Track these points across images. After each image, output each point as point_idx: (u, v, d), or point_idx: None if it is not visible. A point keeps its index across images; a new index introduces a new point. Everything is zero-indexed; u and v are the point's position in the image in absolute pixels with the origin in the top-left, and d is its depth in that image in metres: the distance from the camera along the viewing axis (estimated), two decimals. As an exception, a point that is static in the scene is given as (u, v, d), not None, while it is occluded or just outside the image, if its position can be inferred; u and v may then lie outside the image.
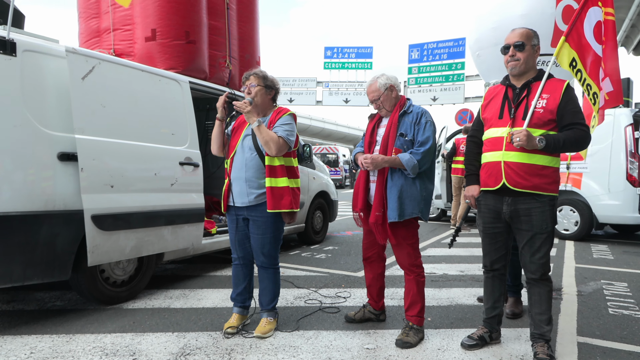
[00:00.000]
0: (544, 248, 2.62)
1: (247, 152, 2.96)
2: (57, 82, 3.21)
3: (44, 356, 2.63)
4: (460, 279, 4.66)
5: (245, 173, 2.94)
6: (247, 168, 2.94)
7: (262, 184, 2.93)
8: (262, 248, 3.00)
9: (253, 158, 2.94)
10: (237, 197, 2.99)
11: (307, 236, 6.49)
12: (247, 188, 2.94)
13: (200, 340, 2.92)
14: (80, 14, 5.08)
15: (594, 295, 4.10)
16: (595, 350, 2.84)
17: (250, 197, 2.94)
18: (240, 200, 2.98)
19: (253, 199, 2.94)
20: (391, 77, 3.05)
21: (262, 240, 2.99)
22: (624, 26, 10.92)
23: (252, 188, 2.94)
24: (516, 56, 2.65)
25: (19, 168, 2.94)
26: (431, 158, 2.89)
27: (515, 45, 2.65)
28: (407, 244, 2.97)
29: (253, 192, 2.94)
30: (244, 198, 2.96)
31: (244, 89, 3.01)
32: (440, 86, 21.77)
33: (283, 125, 2.92)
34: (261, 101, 3.00)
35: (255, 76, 3.01)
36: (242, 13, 5.56)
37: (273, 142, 2.83)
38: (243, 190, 2.96)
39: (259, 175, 2.94)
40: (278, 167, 2.91)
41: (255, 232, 3.00)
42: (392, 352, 2.77)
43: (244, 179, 2.95)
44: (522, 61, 2.65)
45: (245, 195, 2.95)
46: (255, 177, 2.94)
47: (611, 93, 3.14)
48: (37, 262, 3.01)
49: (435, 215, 9.95)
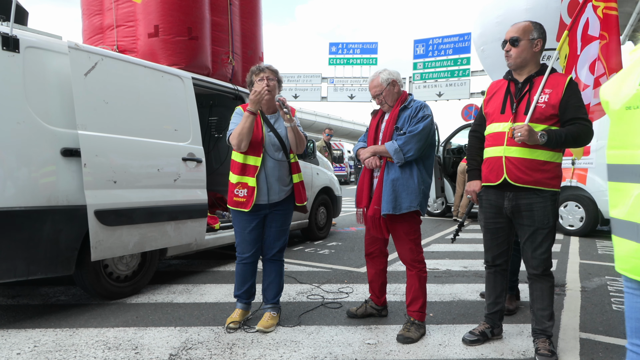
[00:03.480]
0: (546, 243, 2.61)
1: (273, 151, 3.01)
2: (60, 78, 3.22)
3: (47, 349, 2.66)
4: (464, 274, 4.65)
5: (279, 171, 3.03)
6: (280, 167, 3.03)
7: (289, 180, 3.10)
8: (277, 240, 3.13)
9: (282, 157, 3.04)
10: (270, 195, 3.02)
11: (311, 232, 6.51)
12: (280, 186, 3.04)
13: (202, 334, 2.94)
14: (83, 10, 5.09)
15: (597, 291, 4.08)
16: (598, 346, 2.83)
17: (281, 194, 3.06)
18: (272, 198, 3.03)
19: (283, 195, 3.07)
20: (393, 72, 3.04)
21: (280, 233, 3.12)
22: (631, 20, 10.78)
23: (282, 185, 3.06)
24: (510, 51, 2.65)
25: (22, 164, 2.96)
26: (420, 145, 2.83)
27: (510, 41, 2.64)
28: (409, 239, 2.96)
29: (284, 189, 3.08)
30: (275, 195, 3.04)
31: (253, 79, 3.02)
32: (445, 81, 21.63)
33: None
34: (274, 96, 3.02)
35: (270, 70, 3.04)
36: (245, 9, 5.54)
37: (303, 143, 3.07)
38: (276, 188, 3.03)
39: (288, 173, 3.09)
40: (296, 164, 3.13)
41: (275, 225, 3.10)
42: (393, 347, 2.78)
43: (277, 177, 3.02)
44: (514, 56, 2.65)
45: (277, 192, 3.04)
46: (285, 175, 3.07)
47: None
48: (41, 257, 3.03)
49: (440, 211, 9.93)
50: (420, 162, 2.93)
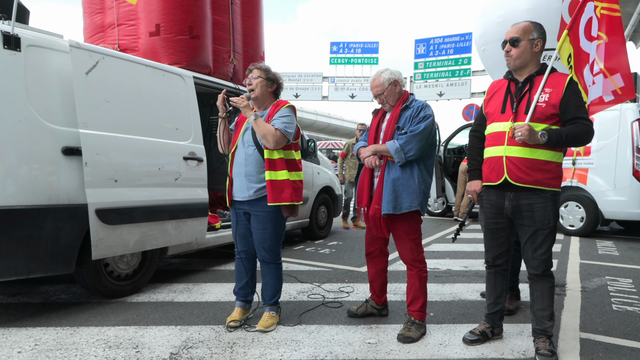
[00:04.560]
0: (546, 244, 2.61)
1: (246, 146, 2.98)
2: (61, 77, 3.23)
3: (48, 348, 2.66)
4: (464, 274, 4.65)
5: (245, 168, 2.96)
6: (247, 163, 2.96)
7: (261, 178, 2.93)
8: (263, 243, 3.01)
9: (253, 152, 2.95)
10: (237, 192, 3.01)
11: (312, 231, 6.51)
12: (247, 182, 2.96)
13: (202, 333, 2.94)
14: (84, 9, 5.09)
15: (598, 291, 4.08)
16: (598, 346, 2.83)
17: (250, 191, 2.95)
18: (240, 195, 3.00)
19: (253, 194, 2.95)
20: (395, 72, 3.04)
21: (263, 235, 2.99)
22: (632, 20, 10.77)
23: (251, 182, 2.95)
24: (510, 52, 2.65)
25: (23, 162, 2.96)
26: (420, 145, 2.84)
27: (510, 41, 2.64)
28: (409, 239, 2.97)
29: (253, 187, 2.95)
30: (244, 192, 2.97)
31: (246, 81, 3.03)
32: (446, 81, 21.62)
33: (281, 118, 2.91)
34: (261, 93, 3.01)
35: (257, 69, 3.04)
36: (246, 8, 5.55)
37: (270, 135, 2.83)
38: (243, 184, 2.97)
39: (259, 169, 2.94)
40: (277, 160, 2.90)
41: (257, 227, 3.00)
42: (393, 347, 2.78)
43: (244, 174, 2.96)
44: (514, 57, 2.65)
45: (246, 189, 2.96)
46: (255, 171, 2.94)
47: (623, 88, 3.13)
48: (41, 255, 3.04)
49: (440, 210, 9.93)
50: (421, 161, 2.93)
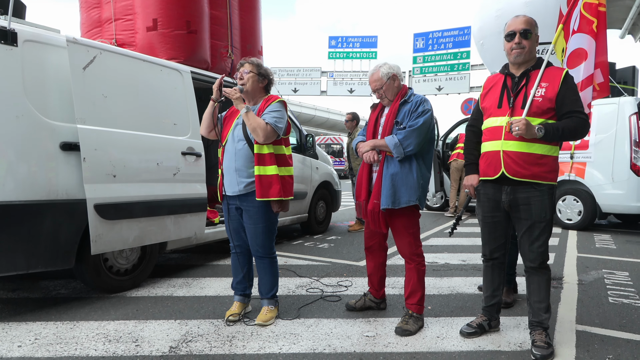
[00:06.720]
0: (543, 237, 2.62)
1: (237, 141, 2.98)
2: (58, 72, 3.22)
3: (48, 342, 2.68)
4: (462, 268, 4.67)
5: (235, 162, 2.97)
6: (237, 157, 2.96)
7: (251, 173, 2.94)
8: (256, 238, 3.02)
9: (243, 147, 2.96)
10: (228, 187, 3.02)
11: (310, 226, 6.53)
12: (237, 177, 2.97)
13: (202, 327, 2.96)
14: (81, 4, 5.08)
15: (594, 284, 4.10)
16: (594, 338, 2.86)
17: (240, 186, 2.96)
18: (230, 190, 3.01)
19: (243, 188, 2.96)
20: (393, 67, 3.04)
21: (255, 230, 3.00)
22: (631, 13, 10.72)
23: (241, 177, 2.96)
24: (522, 44, 2.62)
25: (21, 158, 2.97)
26: (419, 140, 2.84)
27: (522, 33, 2.61)
28: (407, 232, 2.98)
29: (242, 181, 2.95)
30: (234, 187, 2.98)
31: (237, 75, 3.04)
32: (445, 75, 21.62)
33: (271, 112, 2.91)
34: (252, 88, 3.01)
35: (249, 64, 3.04)
36: (244, 3, 5.53)
37: (260, 129, 2.82)
38: (233, 179, 2.98)
39: (249, 164, 2.94)
40: (267, 155, 2.89)
41: (248, 222, 3.02)
42: (391, 340, 2.80)
43: (234, 169, 2.97)
44: (527, 49, 2.63)
45: (235, 184, 2.98)
46: (245, 166, 2.95)
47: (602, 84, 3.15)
48: (41, 250, 3.05)
49: (439, 205, 9.95)
50: (420, 156, 2.93)
